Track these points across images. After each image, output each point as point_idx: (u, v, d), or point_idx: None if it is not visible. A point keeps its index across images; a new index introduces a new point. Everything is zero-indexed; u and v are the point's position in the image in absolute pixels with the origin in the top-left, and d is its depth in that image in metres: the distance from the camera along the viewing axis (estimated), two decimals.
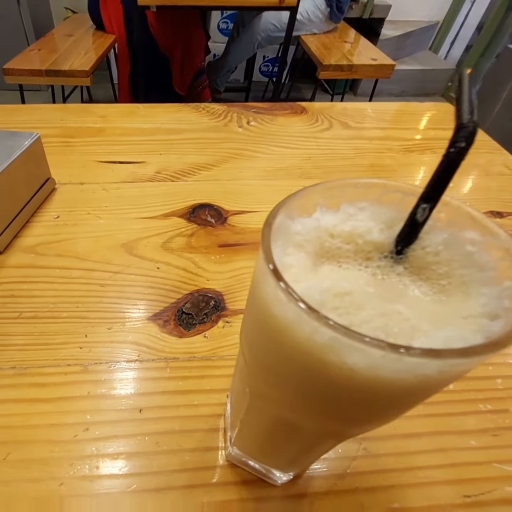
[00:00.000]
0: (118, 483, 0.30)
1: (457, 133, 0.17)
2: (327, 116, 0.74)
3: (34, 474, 0.30)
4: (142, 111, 0.75)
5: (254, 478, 0.30)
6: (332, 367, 0.16)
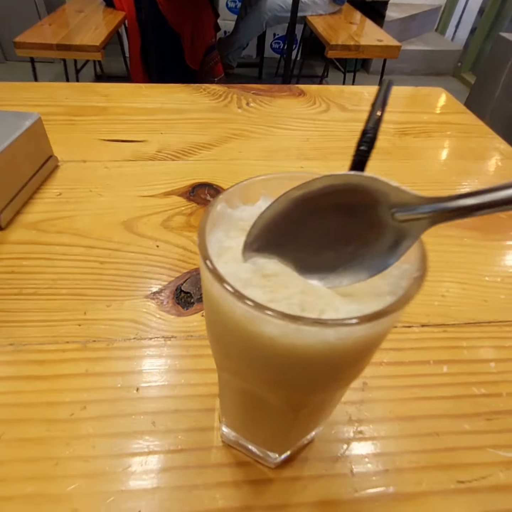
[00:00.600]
0: (113, 463, 0.27)
1: (360, 138, 0.18)
2: (324, 98, 0.68)
3: (30, 453, 0.27)
4: (144, 91, 0.69)
5: (249, 460, 0.28)
6: (255, 336, 0.16)
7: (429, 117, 0.65)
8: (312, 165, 0.53)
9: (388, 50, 1.82)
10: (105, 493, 0.26)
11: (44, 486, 0.26)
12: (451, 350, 0.34)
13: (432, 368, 0.33)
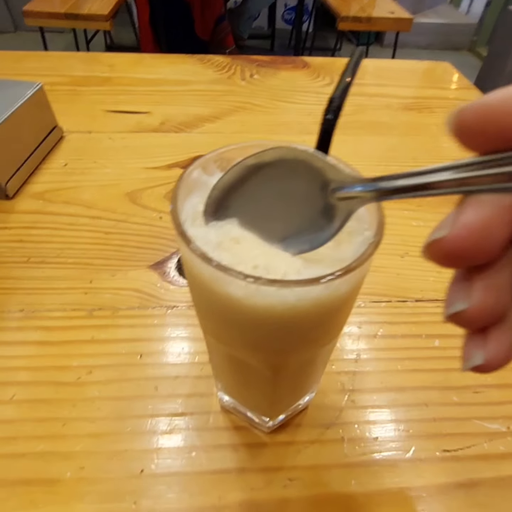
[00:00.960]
0: (118, 424, 0.27)
1: (327, 107, 0.18)
2: (328, 71, 0.64)
3: (39, 414, 0.27)
4: (148, 61, 0.65)
5: (245, 425, 0.27)
6: (222, 297, 0.16)
7: (434, 92, 0.61)
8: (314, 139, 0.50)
9: (400, 23, 1.70)
10: (109, 453, 0.26)
11: (53, 445, 0.26)
12: (444, 324, 0.33)
13: (424, 342, 0.32)
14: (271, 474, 0.25)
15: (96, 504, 0.24)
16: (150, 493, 0.24)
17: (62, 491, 0.24)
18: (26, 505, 0.23)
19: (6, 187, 0.42)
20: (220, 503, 0.24)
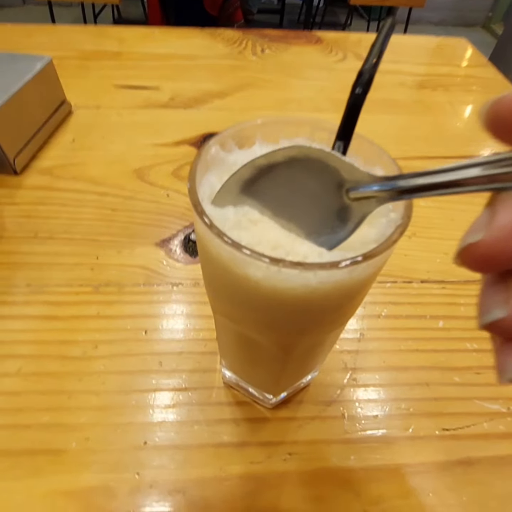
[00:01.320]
0: (122, 398, 0.27)
1: (356, 80, 0.16)
2: (342, 47, 0.61)
3: (45, 387, 0.27)
4: (157, 35, 0.63)
5: (248, 400, 0.27)
6: (241, 278, 0.15)
7: (449, 70, 0.58)
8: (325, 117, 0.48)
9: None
10: (114, 425, 0.25)
11: (58, 417, 0.26)
12: (448, 306, 0.32)
13: (428, 323, 0.31)
14: (272, 448, 0.25)
15: (101, 474, 0.24)
16: (153, 464, 0.24)
17: (67, 460, 0.24)
18: (31, 474, 0.23)
19: (14, 162, 0.41)
20: (221, 474, 0.24)
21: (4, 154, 0.40)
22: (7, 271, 0.33)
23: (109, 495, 0.23)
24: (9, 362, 0.28)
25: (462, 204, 0.40)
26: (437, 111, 0.52)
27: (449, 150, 0.46)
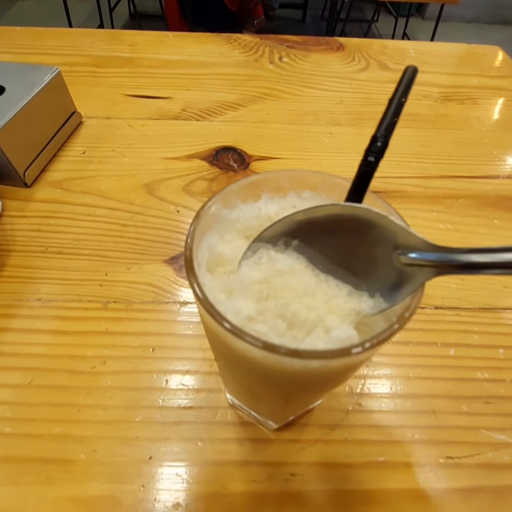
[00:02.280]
0: (129, 413, 0.32)
1: (369, 147, 0.18)
2: (364, 54, 0.67)
3: (55, 399, 0.32)
4: (171, 40, 0.70)
5: (252, 421, 0.32)
6: (238, 352, 0.18)
7: (479, 81, 0.63)
8: (342, 131, 0.54)
9: None
10: (120, 439, 0.31)
11: (68, 428, 0.31)
12: (462, 334, 0.36)
13: (439, 350, 0.35)
14: (274, 468, 0.29)
15: (107, 484, 0.29)
16: (157, 478, 0.29)
17: (76, 470, 0.29)
18: (43, 481, 0.29)
19: (24, 175, 0.47)
20: (223, 491, 0.28)
21: (14, 168, 0.46)
22: (18, 284, 0.39)
23: (114, 505, 0.28)
24: (22, 374, 0.33)
25: (482, 228, 0.44)
26: (463, 126, 0.57)
27: (474, 170, 0.50)
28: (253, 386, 0.24)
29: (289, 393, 0.23)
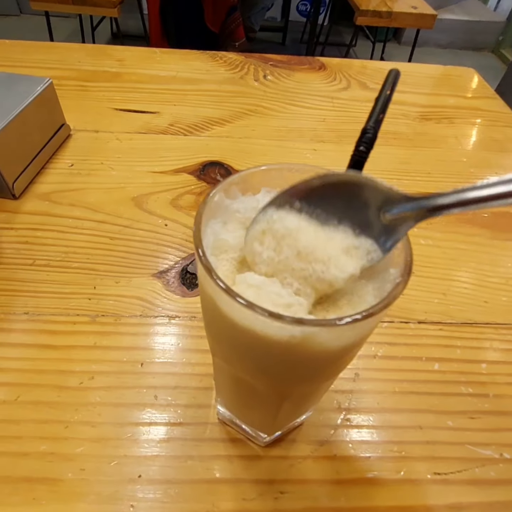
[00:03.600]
0: (118, 430, 0.31)
1: (360, 138, 0.19)
2: (345, 74, 0.67)
3: (42, 416, 0.31)
4: (159, 56, 0.69)
5: (241, 437, 0.31)
6: (241, 329, 0.18)
7: (455, 101, 0.64)
8: (326, 148, 0.53)
9: (422, 19, 1.73)
10: (109, 457, 0.29)
11: (55, 446, 0.29)
12: (445, 348, 0.36)
13: (423, 365, 0.35)
14: (264, 486, 0.28)
15: (96, 505, 0.27)
16: (146, 497, 0.28)
17: (63, 490, 0.28)
18: (29, 501, 0.27)
19: (13, 186, 0.45)
20: (213, 510, 0.27)
21: (3, 178, 0.44)
22: (5, 298, 0.37)
23: None
24: (8, 389, 0.32)
25: (462, 244, 0.45)
26: (440, 144, 0.57)
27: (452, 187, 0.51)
28: (249, 379, 0.24)
29: (288, 382, 0.22)
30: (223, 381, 0.27)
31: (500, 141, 0.59)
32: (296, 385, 0.23)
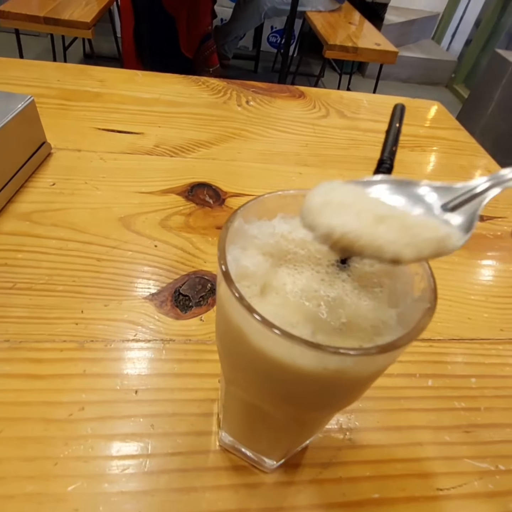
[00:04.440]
0: (112, 464, 0.28)
1: (377, 167, 0.19)
2: (324, 103, 0.69)
3: (28, 452, 0.28)
4: (141, 78, 0.68)
5: (245, 464, 0.29)
6: (266, 355, 0.17)
7: (424, 131, 0.68)
8: (310, 171, 0.54)
9: (385, 55, 1.84)
10: (104, 494, 0.27)
11: (44, 485, 0.27)
12: (436, 364, 0.37)
13: (418, 381, 0.35)
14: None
15: None
16: None
17: None
18: None
19: None
20: None
21: None
22: None
23: None
24: None
25: (443, 263, 0.46)
26: (415, 170, 0.60)
27: None
28: (267, 406, 0.22)
29: (309, 409, 0.21)
30: (234, 408, 0.26)
31: (466, 168, 0.63)
32: (316, 411, 0.22)
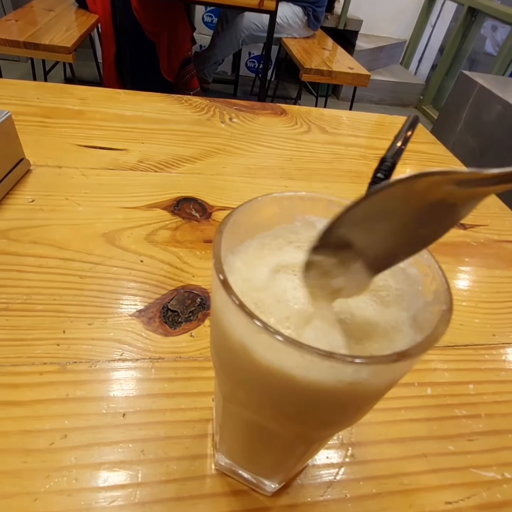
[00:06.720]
0: (100, 496, 0.25)
1: (378, 166, 0.19)
2: (305, 119, 0.70)
3: (5, 488, 0.25)
4: (123, 97, 0.67)
5: (244, 488, 0.27)
6: (278, 372, 0.15)
7: None
8: (296, 185, 0.54)
9: (358, 78, 1.90)
10: None
11: None
12: (434, 372, 0.36)
13: (417, 390, 0.34)
14: None
15: None
16: None
17: None
18: None
19: None
20: None
21: None
22: None
23: None
24: None
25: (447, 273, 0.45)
26: None
27: None
28: (272, 425, 0.20)
29: (318, 427, 0.20)
30: (233, 428, 0.24)
31: None
32: (326, 429, 0.21)
